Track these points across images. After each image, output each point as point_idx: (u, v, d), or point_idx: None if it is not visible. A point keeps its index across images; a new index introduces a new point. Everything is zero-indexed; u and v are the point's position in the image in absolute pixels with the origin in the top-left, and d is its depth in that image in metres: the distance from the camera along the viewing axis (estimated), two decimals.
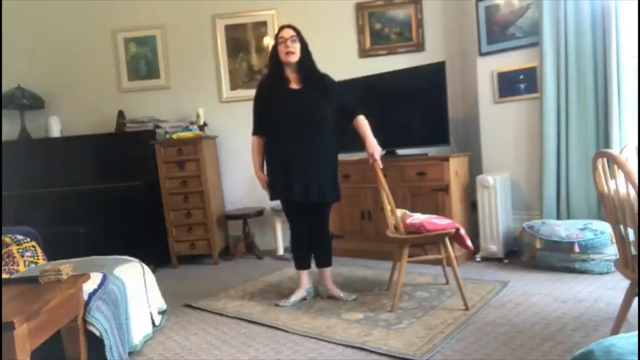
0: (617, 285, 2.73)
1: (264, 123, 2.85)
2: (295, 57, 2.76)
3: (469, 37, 3.95)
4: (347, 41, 4.37)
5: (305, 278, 2.98)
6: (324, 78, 2.87)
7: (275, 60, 2.82)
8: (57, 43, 4.62)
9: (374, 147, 2.80)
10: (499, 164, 3.77)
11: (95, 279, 2.18)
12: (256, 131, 2.90)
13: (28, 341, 1.57)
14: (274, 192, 2.85)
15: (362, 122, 2.86)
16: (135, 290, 2.49)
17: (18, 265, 2.63)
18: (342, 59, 4.22)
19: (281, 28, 2.81)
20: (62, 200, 4.11)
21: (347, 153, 3.71)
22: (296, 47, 2.75)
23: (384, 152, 3.34)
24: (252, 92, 2.98)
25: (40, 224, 3.28)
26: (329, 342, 2.31)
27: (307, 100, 2.76)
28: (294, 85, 2.81)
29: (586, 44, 3.23)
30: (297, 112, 2.74)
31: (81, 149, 4.34)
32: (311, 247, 2.97)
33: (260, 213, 4.33)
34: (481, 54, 3.77)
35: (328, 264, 2.98)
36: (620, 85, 3.11)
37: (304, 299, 2.95)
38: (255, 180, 2.94)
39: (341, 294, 2.92)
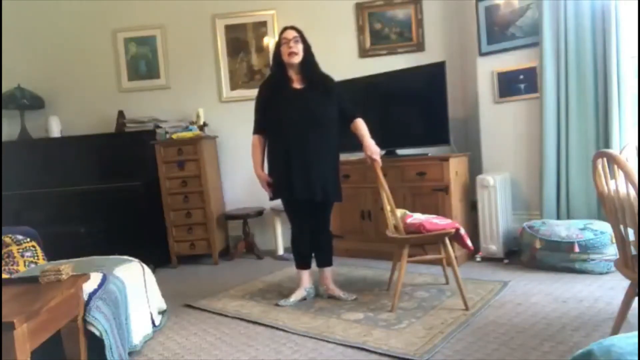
0: (617, 285, 2.73)
1: (266, 123, 2.86)
2: (297, 58, 2.76)
3: (469, 37, 3.95)
4: (347, 41, 4.37)
5: (306, 278, 2.99)
6: (326, 79, 2.88)
7: (277, 61, 2.83)
8: (57, 43, 4.62)
9: (372, 150, 2.80)
10: (499, 164, 3.77)
11: (95, 279, 2.19)
12: (257, 130, 2.91)
13: (28, 341, 1.57)
14: (275, 191, 2.86)
15: (360, 125, 2.87)
16: (135, 290, 2.49)
17: (18, 265, 2.63)
18: (342, 59, 4.21)
19: (284, 29, 2.82)
20: (62, 200, 4.10)
21: (347, 153, 3.71)
22: (299, 48, 2.76)
23: (383, 152, 3.34)
24: (252, 92, 2.99)
25: (40, 224, 3.28)
26: (329, 342, 2.32)
27: (310, 100, 2.77)
28: (297, 86, 2.82)
29: (586, 44, 3.23)
30: (299, 112, 2.74)
31: (81, 149, 4.33)
32: (312, 247, 2.97)
33: (260, 213, 4.33)
34: (481, 54, 3.77)
35: (329, 263, 2.99)
36: (620, 85, 3.11)
37: (304, 299, 2.95)
38: (256, 180, 2.94)
39: (341, 294, 2.92)
